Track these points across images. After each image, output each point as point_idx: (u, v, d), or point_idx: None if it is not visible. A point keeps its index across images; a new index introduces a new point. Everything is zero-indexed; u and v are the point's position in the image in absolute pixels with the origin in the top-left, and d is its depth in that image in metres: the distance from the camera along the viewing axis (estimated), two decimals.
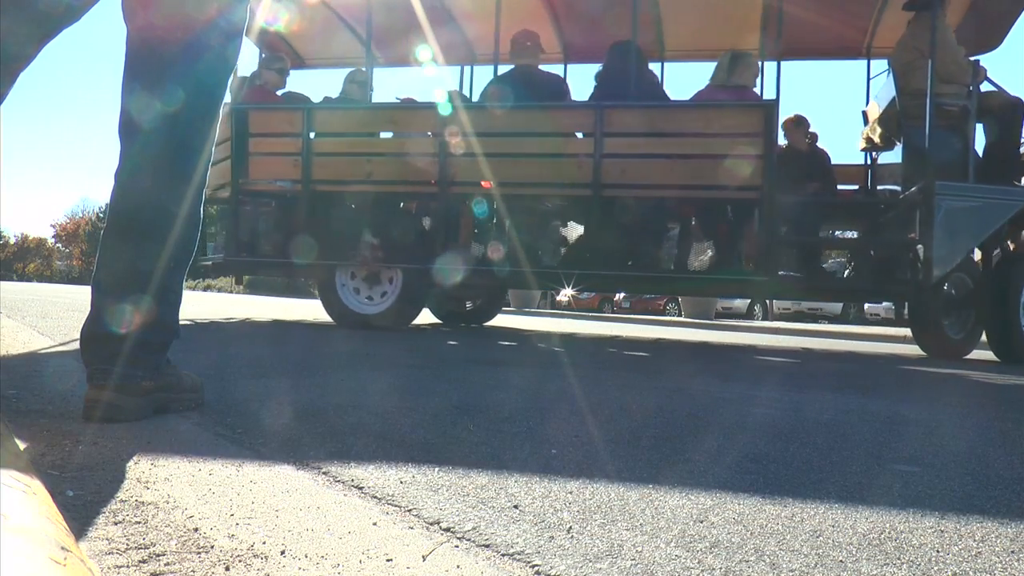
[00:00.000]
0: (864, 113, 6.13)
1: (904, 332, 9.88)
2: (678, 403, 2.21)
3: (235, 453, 1.32)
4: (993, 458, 1.60)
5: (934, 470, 1.45)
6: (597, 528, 1.00)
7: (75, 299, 8.55)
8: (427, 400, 2.06)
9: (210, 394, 1.81)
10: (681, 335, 8.10)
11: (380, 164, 5.25)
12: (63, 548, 0.66)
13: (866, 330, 11.92)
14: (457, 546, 0.91)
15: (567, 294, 22.17)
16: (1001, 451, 1.69)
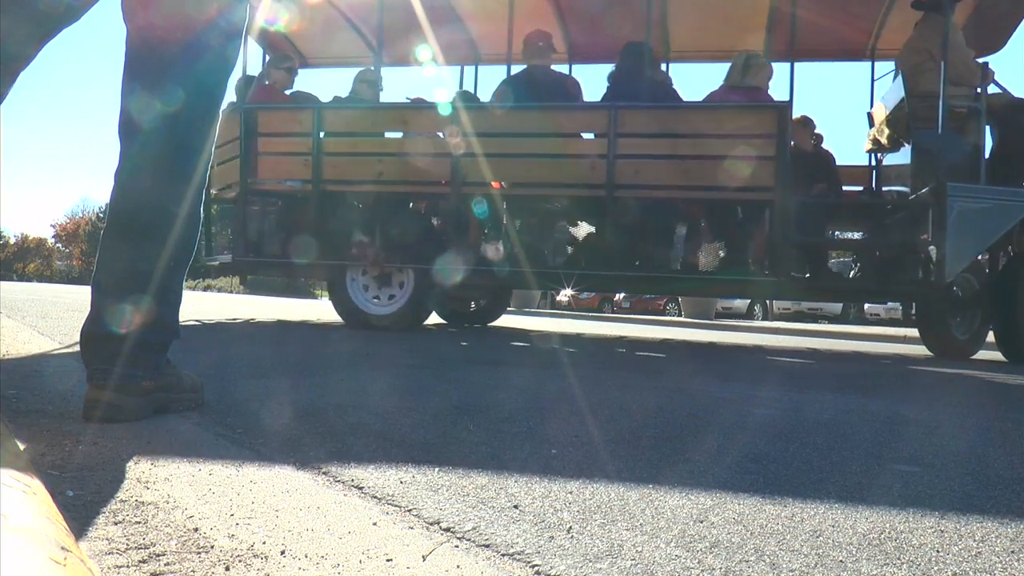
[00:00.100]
0: (870, 115, 6.12)
1: (904, 332, 9.89)
2: (678, 403, 2.21)
3: (235, 453, 1.32)
4: (993, 458, 1.60)
5: (934, 470, 1.45)
6: (597, 528, 1.00)
7: (75, 299, 8.55)
8: (427, 400, 2.06)
9: (210, 394, 1.81)
10: (681, 335, 8.10)
11: (391, 164, 5.21)
12: (63, 548, 0.66)
13: (866, 330, 11.92)
14: (457, 546, 0.91)
15: (567, 294, 22.19)
16: (1001, 451, 1.69)
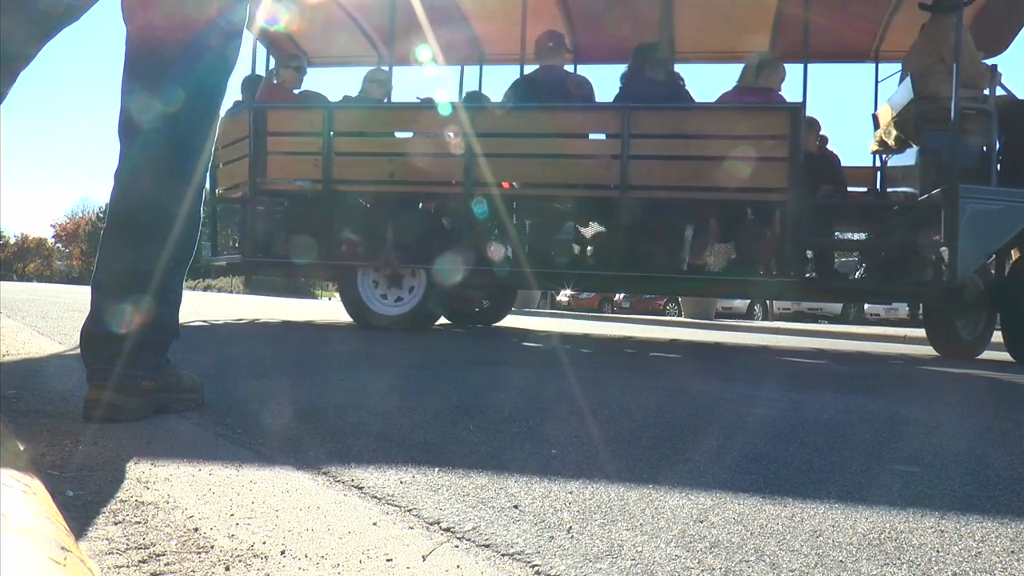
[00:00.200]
0: (875, 116, 6.12)
1: (905, 332, 9.89)
2: (678, 403, 2.21)
3: (235, 453, 1.32)
4: (993, 458, 1.60)
5: (934, 470, 1.45)
6: (597, 528, 1.00)
7: (75, 299, 8.55)
8: (427, 400, 2.06)
9: (210, 394, 1.81)
10: (681, 335, 8.10)
11: (402, 164, 5.19)
12: (63, 548, 0.66)
13: (867, 330, 11.91)
14: (457, 546, 0.91)
15: (567, 294, 22.18)
16: (1001, 451, 1.69)
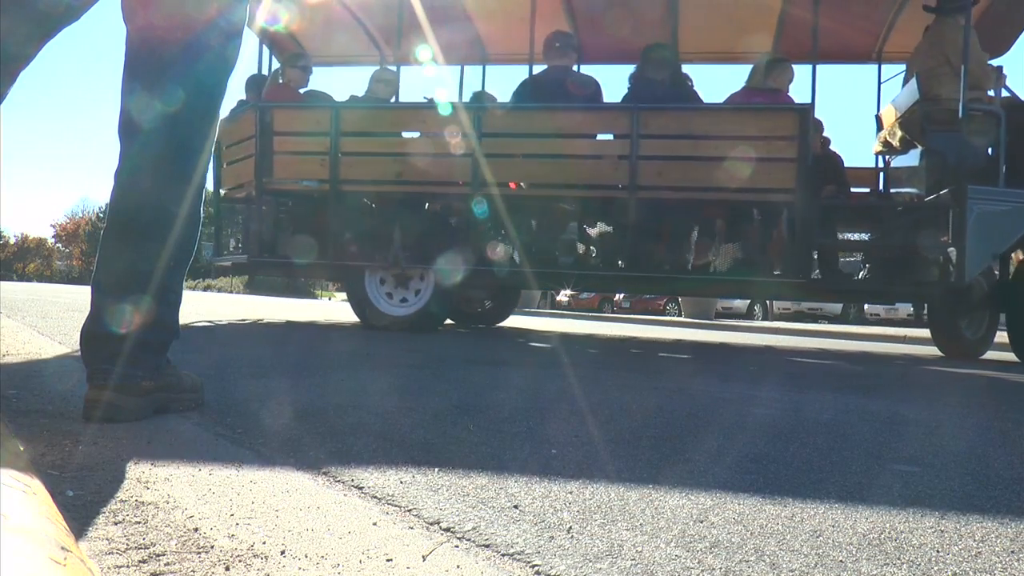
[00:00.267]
0: (878, 117, 6.12)
1: (905, 332, 9.88)
2: (678, 403, 2.21)
3: (235, 453, 1.32)
4: (993, 458, 1.60)
5: (934, 470, 1.45)
6: (597, 528, 1.00)
7: (75, 299, 8.54)
8: (427, 400, 2.06)
9: (210, 394, 1.81)
10: (682, 335, 8.10)
11: (410, 164, 5.17)
12: (63, 548, 0.66)
13: (867, 330, 11.91)
14: (457, 546, 0.91)
15: (567, 294, 22.18)
16: (1001, 451, 1.69)
